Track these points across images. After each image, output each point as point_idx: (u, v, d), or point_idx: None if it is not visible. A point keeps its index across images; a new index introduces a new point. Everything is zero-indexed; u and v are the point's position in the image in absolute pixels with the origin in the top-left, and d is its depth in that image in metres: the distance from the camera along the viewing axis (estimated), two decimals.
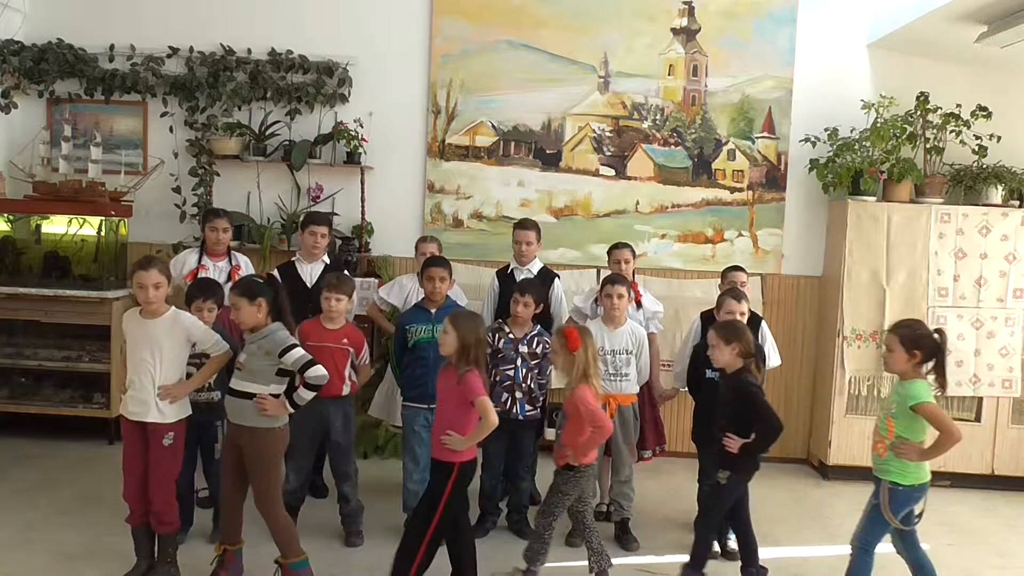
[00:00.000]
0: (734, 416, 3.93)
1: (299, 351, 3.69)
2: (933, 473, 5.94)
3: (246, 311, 3.66)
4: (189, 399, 3.89)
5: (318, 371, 3.68)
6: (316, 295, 4.48)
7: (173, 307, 3.86)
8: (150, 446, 3.78)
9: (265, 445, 3.72)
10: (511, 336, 4.54)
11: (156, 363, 3.74)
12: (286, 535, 3.79)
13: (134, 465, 3.81)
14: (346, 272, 4.84)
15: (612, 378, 4.55)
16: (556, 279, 5.20)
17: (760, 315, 5.13)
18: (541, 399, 4.71)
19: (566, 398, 3.95)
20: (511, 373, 4.51)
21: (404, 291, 5.12)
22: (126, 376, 3.82)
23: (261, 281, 3.92)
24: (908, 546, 3.71)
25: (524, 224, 5.20)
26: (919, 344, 3.56)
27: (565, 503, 4.04)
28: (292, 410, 3.73)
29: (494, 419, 3.64)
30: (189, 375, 3.91)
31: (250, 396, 3.68)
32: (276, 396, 3.71)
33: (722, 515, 4.07)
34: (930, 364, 3.59)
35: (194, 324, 3.87)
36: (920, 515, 3.71)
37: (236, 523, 3.86)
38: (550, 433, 5.83)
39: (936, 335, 3.62)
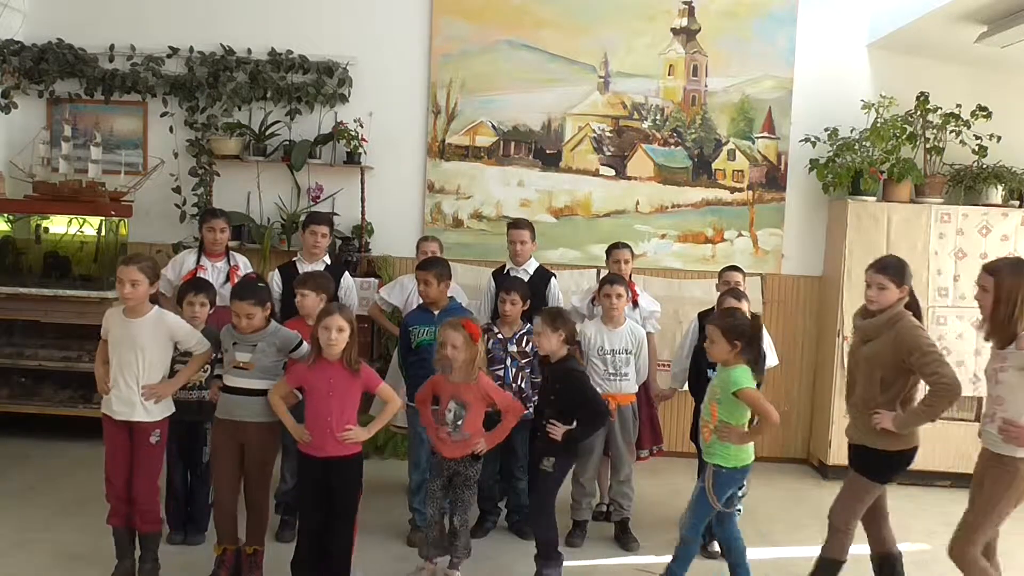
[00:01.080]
0: (559, 403, 4.02)
1: (304, 343, 3.86)
2: (937, 474, 5.95)
3: (260, 316, 3.78)
4: (179, 399, 3.95)
5: None
6: None
7: (156, 307, 3.86)
8: (136, 445, 3.77)
9: (275, 437, 3.87)
10: (499, 336, 4.51)
11: (140, 363, 3.73)
12: (266, 524, 3.94)
13: (119, 465, 3.80)
14: (323, 271, 4.82)
15: (611, 378, 4.55)
16: (552, 278, 5.18)
17: (758, 315, 5.12)
18: (536, 398, 4.69)
19: (465, 389, 3.89)
20: (500, 373, 4.47)
21: (405, 291, 5.09)
22: (107, 375, 3.78)
23: (261, 285, 4.03)
24: (725, 527, 3.89)
25: (518, 224, 5.17)
26: (738, 334, 3.74)
27: (475, 489, 4.08)
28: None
29: (399, 400, 3.83)
30: (176, 373, 3.91)
31: (264, 392, 3.77)
32: None
33: (553, 502, 4.07)
34: (751, 350, 3.78)
35: (178, 324, 3.86)
36: (742, 497, 3.94)
37: (235, 522, 3.87)
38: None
39: (753, 320, 3.82)
